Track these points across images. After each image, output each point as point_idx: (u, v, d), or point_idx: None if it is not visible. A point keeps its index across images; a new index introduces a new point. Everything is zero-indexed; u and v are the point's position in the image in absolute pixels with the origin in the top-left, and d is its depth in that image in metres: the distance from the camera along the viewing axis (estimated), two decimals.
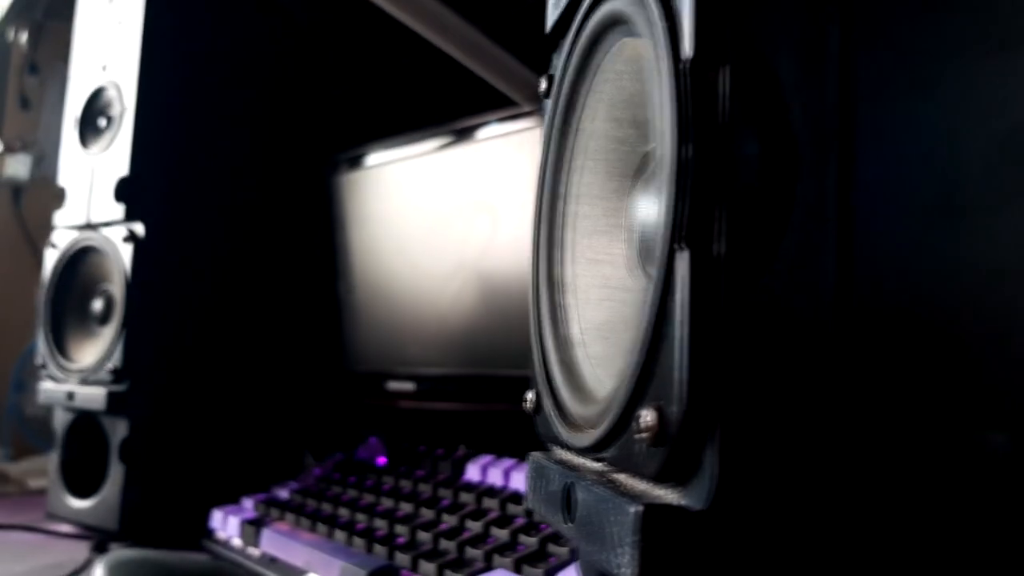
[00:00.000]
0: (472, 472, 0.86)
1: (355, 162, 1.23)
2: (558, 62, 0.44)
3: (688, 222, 0.26)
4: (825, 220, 0.28)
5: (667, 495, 0.29)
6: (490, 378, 0.99)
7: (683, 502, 0.27)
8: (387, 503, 0.85)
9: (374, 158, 1.20)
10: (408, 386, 1.10)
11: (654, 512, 0.27)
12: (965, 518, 0.30)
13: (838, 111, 0.29)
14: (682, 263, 0.27)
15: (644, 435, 0.28)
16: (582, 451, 0.37)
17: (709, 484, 0.26)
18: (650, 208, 0.37)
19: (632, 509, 0.28)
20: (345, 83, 1.36)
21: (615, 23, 0.37)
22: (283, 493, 0.97)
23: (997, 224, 0.30)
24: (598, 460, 0.35)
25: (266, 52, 1.18)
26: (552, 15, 0.46)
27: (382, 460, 1.00)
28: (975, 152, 0.30)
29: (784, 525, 0.27)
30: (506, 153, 0.99)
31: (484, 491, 0.79)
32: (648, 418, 0.28)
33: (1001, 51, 0.31)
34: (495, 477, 0.83)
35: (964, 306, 0.30)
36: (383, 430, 1.10)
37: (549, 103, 0.45)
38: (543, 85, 0.46)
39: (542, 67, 0.49)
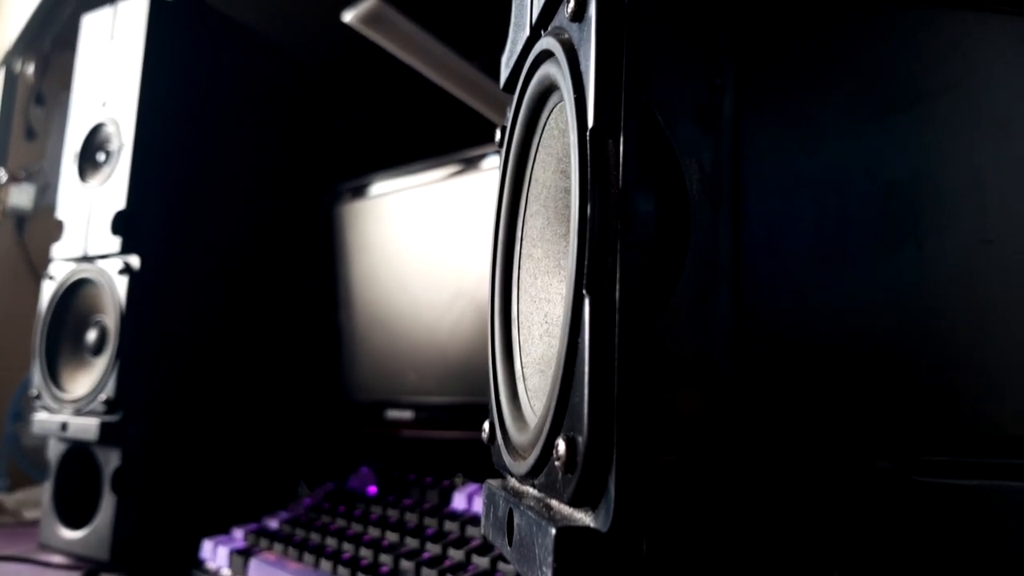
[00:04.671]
0: (458, 501, 0.88)
1: (357, 192, 1.25)
2: (510, 115, 0.47)
3: (589, 272, 0.29)
4: (717, 269, 0.31)
5: (584, 518, 0.31)
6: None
7: (593, 525, 0.30)
8: (374, 532, 0.87)
9: (376, 188, 1.23)
10: (407, 415, 1.11)
11: (567, 534, 0.30)
12: (857, 541, 0.32)
13: (730, 170, 0.32)
14: (586, 308, 0.30)
15: (557, 463, 0.31)
16: (522, 478, 0.39)
17: (611, 508, 0.29)
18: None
19: (552, 531, 0.30)
20: (348, 114, 1.38)
21: (553, 86, 0.40)
22: (273, 523, 0.98)
23: (879, 269, 0.33)
24: (533, 487, 0.38)
25: (266, 87, 1.21)
26: (504, 73, 0.50)
27: (372, 489, 1.01)
28: (858, 206, 0.33)
29: (680, 547, 0.30)
30: None
31: (468, 519, 0.81)
32: (560, 447, 0.31)
33: (884, 115, 0.34)
34: (480, 505, 0.85)
35: (851, 344, 0.33)
36: (381, 459, 1.10)
37: (502, 152, 0.48)
38: (497, 136, 0.49)
39: None
